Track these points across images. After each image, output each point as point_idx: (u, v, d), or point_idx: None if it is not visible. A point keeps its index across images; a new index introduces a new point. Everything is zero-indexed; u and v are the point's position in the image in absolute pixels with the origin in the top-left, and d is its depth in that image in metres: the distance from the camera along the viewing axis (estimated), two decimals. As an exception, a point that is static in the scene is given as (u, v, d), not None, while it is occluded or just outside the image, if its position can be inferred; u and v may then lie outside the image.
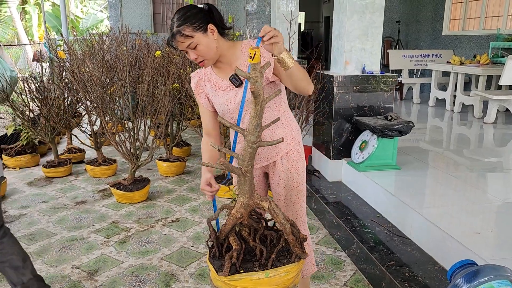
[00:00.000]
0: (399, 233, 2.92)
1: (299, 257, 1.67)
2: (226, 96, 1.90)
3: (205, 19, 1.76)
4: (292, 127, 2.03)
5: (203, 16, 1.75)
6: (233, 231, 1.73)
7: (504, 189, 3.39)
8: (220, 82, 1.91)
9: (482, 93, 6.05)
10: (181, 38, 1.74)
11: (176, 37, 1.75)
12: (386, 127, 3.49)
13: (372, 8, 3.71)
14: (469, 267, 1.65)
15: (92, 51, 4.85)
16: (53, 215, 3.71)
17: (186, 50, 1.80)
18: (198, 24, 1.74)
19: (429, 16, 9.47)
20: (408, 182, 3.42)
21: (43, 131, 4.72)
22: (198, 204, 3.96)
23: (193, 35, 1.74)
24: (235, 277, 1.60)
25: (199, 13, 1.76)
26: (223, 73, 1.91)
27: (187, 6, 1.79)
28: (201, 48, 1.76)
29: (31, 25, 18.45)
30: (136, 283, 2.67)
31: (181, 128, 5.14)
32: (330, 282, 2.67)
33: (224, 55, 1.85)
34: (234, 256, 1.63)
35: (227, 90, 1.90)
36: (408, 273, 2.42)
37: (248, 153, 1.60)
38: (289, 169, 2.02)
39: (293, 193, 2.06)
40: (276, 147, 1.97)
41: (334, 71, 4.02)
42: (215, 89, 1.93)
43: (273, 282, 1.60)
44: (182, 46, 1.78)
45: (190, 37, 1.74)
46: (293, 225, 1.73)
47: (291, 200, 2.08)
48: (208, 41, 1.77)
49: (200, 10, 1.77)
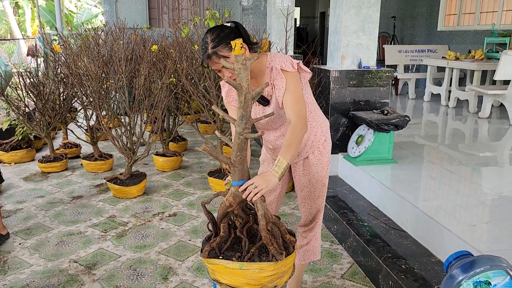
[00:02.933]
0: (396, 226, 2.94)
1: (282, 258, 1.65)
2: (254, 110, 1.99)
3: (236, 37, 1.78)
4: (320, 123, 2.11)
5: (235, 36, 1.79)
6: (226, 218, 1.75)
7: (498, 182, 3.42)
8: None
9: (477, 88, 6.09)
10: (218, 58, 1.78)
11: (212, 58, 1.79)
12: (382, 122, 3.51)
13: (368, 3, 3.72)
14: (465, 258, 1.67)
15: (87, 45, 4.82)
16: (49, 210, 3.70)
17: (220, 69, 1.84)
18: (231, 48, 1.76)
19: (424, 12, 9.49)
20: (404, 176, 3.44)
21: (38, 126, 4.70)
22: (195, 198, 3.97)
23: (229, 55, 1.77)
24: (213, 261, 1.65)
25: (231, 33, 1.80)
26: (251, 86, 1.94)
27: (219, 27, 1.83)
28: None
29: (25, 20, 18.29)
30: (134, 276, 2.68)
31: (177, 123, 5.14)
32: (327, 274, 2.70)
33: (252, 70, 1.89)
34: (215, 242, 1.68)
35: (254, 105, 1.97)
36: (404, 265, 2.44)
37: (236, 144, 1.63)
38: (316, 163, 2.11)
39: (317, 187, 2.15)
40: (307, 145, 2.07)
41: (330, 65, 4.03)
42: None
43: (247, 276, 1.60)
44: (218, 66, 1.82)
45: (226, 58, 1.77)
46: (276, 223, 1.72)
47: (315, 194, 2.17)
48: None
49: (231, 30, 1.82)
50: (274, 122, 2.01)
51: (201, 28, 4.73)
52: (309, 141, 2.08)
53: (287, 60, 1.89)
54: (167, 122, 5.08)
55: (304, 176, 2.15)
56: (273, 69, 1.88)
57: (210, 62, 1.82)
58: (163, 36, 6.53)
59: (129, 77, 4.25)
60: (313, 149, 2.10)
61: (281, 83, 1.86)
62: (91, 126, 4.80)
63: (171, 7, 8.89)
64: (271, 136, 2.10)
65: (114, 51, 4.37)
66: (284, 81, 1.85)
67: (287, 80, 1.86)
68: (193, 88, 4.07)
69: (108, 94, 4.22)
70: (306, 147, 2.08)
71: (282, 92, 1.87)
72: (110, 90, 4.23)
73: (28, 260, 2.88)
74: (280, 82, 1.86)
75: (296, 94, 1.83)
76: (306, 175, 2.14)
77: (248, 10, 9.68)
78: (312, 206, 2.20)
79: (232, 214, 1.77)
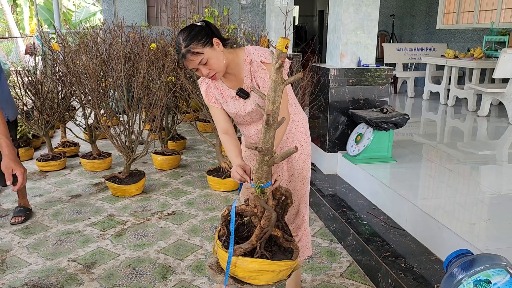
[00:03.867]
0: (395, 224, 2.94)
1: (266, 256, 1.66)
2: (234, 104, 2.00)
3: (208, 34, 1.84)
4: (300, 116, 2.15)
5: (206, 32, 1.83)
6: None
7: (497, 181, 3.42)
8: (227, 91, 2.00)
9: (476, 86, 6.08)
10: (192, 56, 1.81)
11: (187, 57, 1.82)
12: (381, 120, 3.50)
13: (367, 1, 3.71)
14: (465, 256, 1.67)
15: (86, 43, 4.81)
16: (48, 209, 3.69)
17: (197, 68, 1.86)
18: (205, 40, 1.82)
19: (423, 10, 9.48)
20: (403, 174, 3.44)
21: (36, 124, 4.69)
22: (194, 197, 3.96)
23: (202, 51, 1.81)
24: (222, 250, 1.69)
25: (202, 30, 1.83)
26: (229, 82, 1.99)
27: (188, 26, 1.86)
28: (212, 62, 1.84)
29: (23, 18, 18.24)
30: (133, 275, 2.67)
31: (176, 121, 5.13)
32: (327, 273, 2.69)
33: (229, 65, 1.92)
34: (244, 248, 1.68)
35: (233, 99, 2.00)
36: (403, 264, 2.44)
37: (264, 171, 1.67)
38: (297, 156, 2.14)
39: (299, 179, 2.18)
40: (288, 139, 2.11)
41: (329, 64, 4.02)
42: (222, 96, 2.02)
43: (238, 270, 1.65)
44: (194, 64, 1.84)
45: (200, 54, 1.81)
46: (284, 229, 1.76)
47: (297, 187, 2.19)
48: (216, 54, 1.85)
49: (201, 28, 1.84)
50: (256, 114, 2.02)
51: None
52: (291, 135, 2.11)
53: (266, 52, 1.91)
54: (166, 120, 5.07)
55: (287, 170, 2.18)
56: (252, 62, 1.91)
57: (186, 62, 1.84)
58: (161, 34, 6.50)
59: (128, 75, 4.24)
60: (294, 143, 2.12)
61: (265, 75, 1.89)
62: (89, 125, 4.78)
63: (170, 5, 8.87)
64: (253, 131, 2.10)
65: (113, 49, 4.35)
66: (267, 73, 1.89)
67: (269, 71, 1.87)
68: (191, 87, 4.06)
69: (107, 92, 4.21)
70: (288, 141, 2.11)
71: (266, 84, 1.89)
72: (108, 88, 4.22)
73: (26, 259, 2.88)
74: (263, 74, 1.89)
75: None
76: (289, 169, 2.17)
77: (247, 8, 9.66)
78: (294, 199, 2.21)
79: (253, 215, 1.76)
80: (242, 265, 1.63)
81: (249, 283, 1.67)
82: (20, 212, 3.46)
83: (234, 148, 1.98)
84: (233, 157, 1.95)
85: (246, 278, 1.66)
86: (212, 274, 1.71)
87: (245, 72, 1.93)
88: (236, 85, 1.97)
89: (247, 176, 1.80)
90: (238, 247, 1.63)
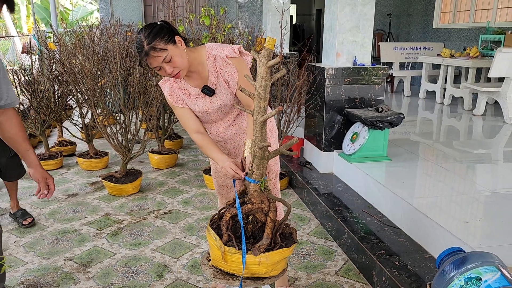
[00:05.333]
0: (389, 223, 2.96)
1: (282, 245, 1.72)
2: (201, 103, 1.99)
3: (170, 32, 1.82)
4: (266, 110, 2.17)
5: (167, 30, 1.81)
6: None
7: (492, 179, 3.45)
8: (191, 90, 1.99)
9: (472, 85, 6.11)
10: (156, 52, 1.78)
11: (150, 54, 1.78)
12: (377, 119, 3.52)
13: (363, 0, 3.73)
14: (457, 254, 1.69)
15: (82, 43, 4.81)
16: (44, 208, 3.70)
17: (160, 66, 1.82)
18: (168, 37, 1.80)
19: (420, 9, 9.50)
20: (399, 173, 3.46)
21: (33, 123, 4.69)
22: (190, 196, 3.97)
23: (166, 47, 1.79)
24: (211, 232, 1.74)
25: (164, 28, 1.81)
26: (192, 80, 1.98)
27: (149, 25, 1.83)
28: (176, 59, 1.81)
29: (20, 17, 18.19)
30: (129, 274, 2.68)
31: (173, 120, 5.13)
32: (322, 271, 2.71)
33: (192, 63, 1.91)
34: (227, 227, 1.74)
35: (199, 98, 1.99)
36: (398, 262, 2.46)
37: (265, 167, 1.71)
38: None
39: (270, 173, 2.19)
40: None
41: (325, 63, 4.03)
42: (187, 96, 2.00)
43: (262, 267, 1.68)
44: (157, 62, 1.80)
45: (164, 50, 1.78)
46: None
47: (271, 181, 2.20)
48: (180, 51, 1.83)
49: (161, 26, 1.82)
50: (223, 110, 2.02)
51: (196, 25, 4.72)
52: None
53: (228, 47, 1.92)
54: (163, 119, 5.07)
55: None
56: (216, 58, 1.90)
57: (149, 60, 1.81)
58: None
59: (124, 74, 4.24)
60: None
61: (231, 70, 1.90)
62: (86, 124, 4.78)
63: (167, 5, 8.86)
64: (220, 128, 2.10)
65: (109, 48, 4.35)
66: (234, 68, 1.89)
67: (236, 66, 1.89)
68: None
69: (103, 92, 4.21)
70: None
71: (235, 78, 1.90)
72: (105, 88, 4.22)
73: (23, 258, 2.88)
74: (229, 69, 1.90)
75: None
76: None
77: (244, 7, 9.65)
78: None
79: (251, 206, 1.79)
80: (267, 261, 1.66)
81: (268, 276, 1.71)
82: (26, 214, 3.41)
83: (212, 145, 1.94)
84: (216, 154, 1.90)
85: (269, 272, 1.69)
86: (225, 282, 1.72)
87: (209, 69, 1.92)
88: (200, 83, 1.96)
89: (240, 172, 1.79)
90: (259, 245, 1.65)
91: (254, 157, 1.68)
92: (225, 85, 1.96)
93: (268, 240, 1.68)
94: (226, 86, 1.96)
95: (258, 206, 1.73)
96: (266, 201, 1.74)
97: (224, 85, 1.96)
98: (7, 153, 3.07)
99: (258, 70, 1.55)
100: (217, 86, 1.96)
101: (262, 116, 1.58)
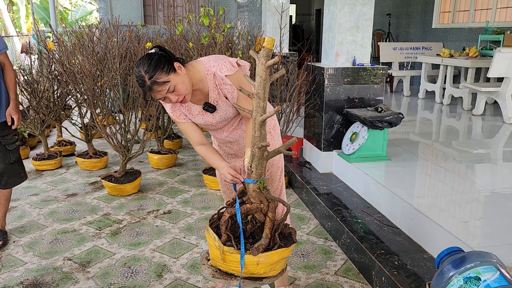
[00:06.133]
0: (389, 222, 2.96)
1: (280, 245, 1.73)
2: (202, 118, 2.00)
3: (168, 60, 1.79)
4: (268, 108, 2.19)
5: (166, 59, 1.78)
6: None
7: (491, 179, 3.45)
8: (193, 107, 2.00)
9: (471, 85, 6.11)
10: (159, 86, 1.76)
11: (154, 88, 1.76)
12: (376, 119, 3.52)
13: (362, 0, 3.73)
14: (456, 254, 1.69)
15: (82, 43, 4.81)
16: (44, 208, 3.70)
17: (165, 96, 1.81)
18: (167, 67, 1.77)
19: (419, 9, 9.51)
20: (398, 173, 3.46)
21: (32, 123, 4.68)
22: (190, 196, 3.97)
23: (168, 79, 1.76)
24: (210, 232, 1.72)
25: (161, 58, 1.78)
26: (193, 97, 1.96)
27: (145, 57, 1.79)
28: (179, 88, 1.80)
29: (19, 17, 18.17)
30: (128, 274, 2.68)
31: (172, 120, 5.13)
32: (321, 271, 2.71)
33: (193, 83, 1.89)
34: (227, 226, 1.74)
35: (200, 114, 1.99)
36: (397, 262, 2.46)
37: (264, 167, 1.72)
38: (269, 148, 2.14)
39: (273, 170, 2.20)
40: None
41: (325, 63, 4.03)
42: (189, 112, 2.01)
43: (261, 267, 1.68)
44: (162, 94, 1.79)
45: (167, 83, 1.76)
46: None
47: (271, 177, 2.20)
48: (181, 78, 1.81)
49: (159, 56, 1.79)
50: (226, 120, 2.04)
51: (195, 25, 4.72)
52: None
53: (226, 62, 1.90)
54: (162, 119, 5.07)
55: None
56: (215, 75, 1.89)
57: (153, 94, 1.80)
58: (157, 33, 6.51)
59: (123, 74, 4.24)
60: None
61: (231, 89, 1.90)
62: (85, 124, 4.78)
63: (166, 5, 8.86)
64: (225, 133, 2.12)
65: (109, 48, 4.35)
66: (233, 88, 1.89)
67: (234, 84, 1.89)
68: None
69: (103, 91, 4.21)
70: None
71: (235, 95, 1.91)
72: (104, 87, 4.22)
73: (22, 258, 2.88)
74: (230, 88, 1.90)
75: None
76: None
77: (243, 7, 9.65)
78: (274, 190, 2.24)
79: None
80: (266, 261, 1.66)
81: (267, 276, 1.71)
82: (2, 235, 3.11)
83: (214, 154, 1.97)
84: (217, 161, 1.94)
85: (267, 272, 1.69)
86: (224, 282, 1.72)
87: (209, 85, 1.91)
88: (202, 99, 1.96)
89: (240, 176, 1.80)
90: (258, 245, 1.65)
91: (253, 156, 1.68)
92: (226, 100, 1.96)
93: (267, 240, 1.68)
94: (227, 101, 1.96)
95: (257, 206, 1.73)
96: (265, 201, 1.74)
97: (225, 100, 1.96)
98: (7, 159, 3.02)
99: (257, 70, 1.54)
100: (218, 102, 1.95)
101: (261, 116, 1.58)
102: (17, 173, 3.13)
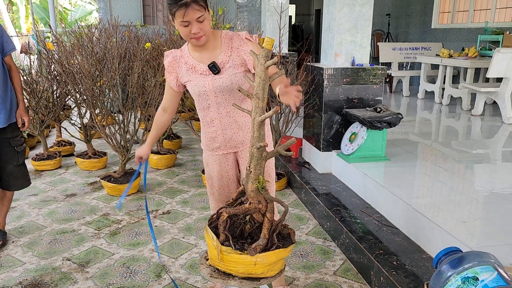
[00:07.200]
0: (388, 223, 2.96)
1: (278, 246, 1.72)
2: (203, 80, 1.99)
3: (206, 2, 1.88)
4: None
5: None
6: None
7: (490, 179, 3.45)
8: (197, 65, 1.99)
9: (470, 85, 6.12)
10: (198, 6, 1.80)
11: (192, 5, 1.78)
12: (375, 119, 3.52)
13: (361, 1, 3.73)
14: (454, 254, 1.69)
15: (81, 43, 4.80)
16: (43, 208, 3.70)
17: (190, 22, 1.82)
18: (205, 3, 1.86)
19: (418, 9, 9.52)
20: (397, 173, 3.46)
21: (32, 123, 4.68)
22: (189, 196, 3.97)
23: (205, 9, 1.84)
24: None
25: None
26: (201, 56, 1.99)
27: None
28: (206, 23, 1.87)
29: (19, 17, 18.17)
30: (127, 274, 2.68)
31: (171, 120, 5.13)
32: (320, 271, 2.71)
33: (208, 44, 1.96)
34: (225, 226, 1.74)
35: (203, 74, 1.99)
36: (396, 262, 2.46)
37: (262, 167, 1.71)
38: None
39: (265, 172, 2.15)
40: (248, 133, 2.10)
41: (324, 63, 4.04)
42: (191, 71, 2.01)
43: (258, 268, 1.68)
44: (193, 17, 1.81)
45: (204, 8, 1.83)
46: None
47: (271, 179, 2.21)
48: (210, 19, 1.90)
49: None
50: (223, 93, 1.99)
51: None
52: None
53: (246, 33, 2.00)
54: (161, 119, 5.06)
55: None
56: (233, 38, 1.97)
57: (187, 11, 1.78)
58: (157, 33, 6.51)
59: (123, 74, 4.24)
60: None
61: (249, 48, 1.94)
62: (84, 124, 4.78)
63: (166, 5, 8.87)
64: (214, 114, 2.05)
65: (108, 48, 4.35)
66: (251, 47, 1.93)
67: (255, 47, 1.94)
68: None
69: (102, 92, 4.21)
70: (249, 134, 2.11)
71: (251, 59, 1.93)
72: (103, 88, 4.22)
73: (21, 258, 2.88)
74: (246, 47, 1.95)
75: None
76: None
77: (243, 7, 9.65)
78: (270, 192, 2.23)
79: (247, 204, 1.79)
80: (263, 261, 1.66)
81: (265, 277, 1.71)
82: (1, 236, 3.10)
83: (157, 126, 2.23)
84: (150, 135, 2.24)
85: (265, 272, 1.69)
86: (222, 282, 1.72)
87: (222, 47, 1.96)
88: (208, 60, 1.97)
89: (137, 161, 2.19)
90: (256, 245, 1.65)
91: (251, 157, 1.68)
92: (233, 68, 1.95)
93: (265, 241, 1.68)
94: (234, 69, 1.95)
95: (255, 206, 1.74)
96: (264, 202, 1.74)
97: (232, 66, 1.95)
98: (15, 161, 3.01)
99: (256, 70, 1.55)
100: (225, 65, 1.95)
101: (260, 116, 1.58)
102: (24, 175, 3.14)
